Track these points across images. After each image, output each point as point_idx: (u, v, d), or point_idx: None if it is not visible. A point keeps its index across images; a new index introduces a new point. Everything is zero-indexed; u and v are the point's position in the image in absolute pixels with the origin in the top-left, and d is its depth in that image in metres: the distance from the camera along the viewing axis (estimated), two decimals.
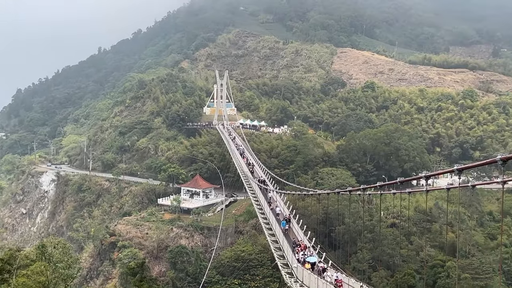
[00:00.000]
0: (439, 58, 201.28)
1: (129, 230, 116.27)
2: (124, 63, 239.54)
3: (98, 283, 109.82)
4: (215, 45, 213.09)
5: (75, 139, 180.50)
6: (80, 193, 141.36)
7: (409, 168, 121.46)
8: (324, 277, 40.98)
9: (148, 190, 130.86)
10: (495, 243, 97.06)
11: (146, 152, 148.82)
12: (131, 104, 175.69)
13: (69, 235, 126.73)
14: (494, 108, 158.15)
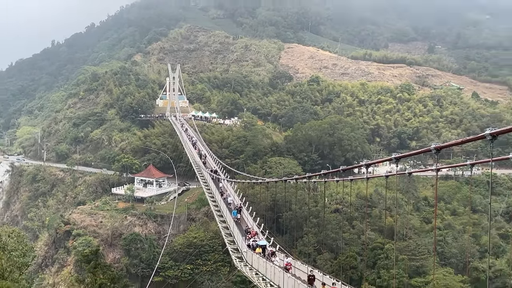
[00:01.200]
0: (379, 54, 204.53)
1: (83, 218, 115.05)
2: (78, 56, 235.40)
3: (53, 270, 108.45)
4: (167, 39, 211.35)
5: (29, 130, 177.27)
6: (35, 183, 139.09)
7: (351, 157, 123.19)
8: (272, 261, 41.42)
9: (102, 180, 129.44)
10: (430, 227, 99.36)
11: (100, 143, 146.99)
12: (85, 96, 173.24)
13: (24, 224, 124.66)
14: (429, 101, 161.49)
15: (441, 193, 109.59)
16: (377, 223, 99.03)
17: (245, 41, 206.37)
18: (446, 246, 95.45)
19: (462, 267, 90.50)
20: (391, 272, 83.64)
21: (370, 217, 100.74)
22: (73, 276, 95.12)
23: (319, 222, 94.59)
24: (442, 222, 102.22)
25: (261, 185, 79.90)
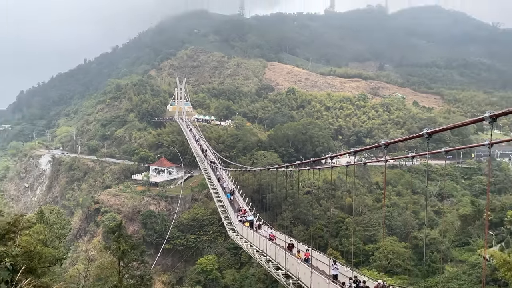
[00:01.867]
0: (341, 71, 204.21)
1: (109, 199, 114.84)
2: (105, 71, 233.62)
3: (86, 239, 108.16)
4: (176, 58, 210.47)
5: (67, 129, 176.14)
6: (71, 171, 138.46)
7: (320, 150, 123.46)
8: (258, 232, 41.68)
9: (124, 169, 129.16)
10: (379, 205, 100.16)
11: (122, 139, 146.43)
12: (110, 103, 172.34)
13: (62, 204, 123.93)
14: (379, 107, 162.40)
15: (388, 178, 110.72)
16: (339, 202, 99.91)
17: (237, 60, 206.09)
18: (392, 220, 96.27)
19: (404, 236, 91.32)
20: (350, 240, 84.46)
21: (334, 197, 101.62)
22: (101, 244, 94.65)
23: (294, 201, 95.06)
24: (389, 201, 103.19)
25: (249, 173, 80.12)
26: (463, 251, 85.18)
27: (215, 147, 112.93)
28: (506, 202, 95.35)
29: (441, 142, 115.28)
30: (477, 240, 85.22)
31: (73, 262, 70.22)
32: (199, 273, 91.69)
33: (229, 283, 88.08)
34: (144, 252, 53.53)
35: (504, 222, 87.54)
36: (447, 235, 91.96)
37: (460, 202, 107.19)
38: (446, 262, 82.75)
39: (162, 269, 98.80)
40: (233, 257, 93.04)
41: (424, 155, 23.76)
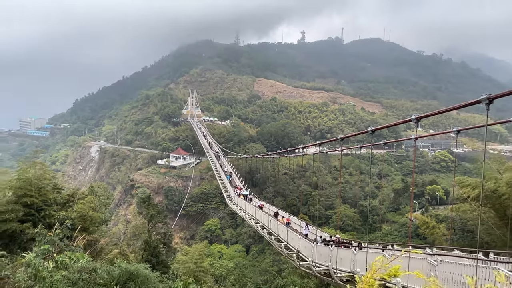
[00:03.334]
0: (310, 85, 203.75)
1: (141, 178, 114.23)
2: (137, 85, 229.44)
3: (124, 207, 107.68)
4: (189, 75, 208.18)
5: (110, 127, 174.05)
6: (113, 157, 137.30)
7: (294, 143, 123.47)
8: (250, 203, 41.81)
9: (152, 156, 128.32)
10: (336, 182, 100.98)
11: (150, 134, 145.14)
12: (141, 108, 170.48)
13: (107, 181, 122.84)
14: (337, 112, 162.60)
15: (343, 163, 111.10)
16: (308, 180, 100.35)
17: (233, 77, 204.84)
18: (345, 193, 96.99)
19: (354, 204, 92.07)
20: (315, 207, 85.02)
21: (304, 177, 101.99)
22: (135, 210, 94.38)
23: (275, 180, 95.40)
24: (344, 179, 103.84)
25: (243, 159, 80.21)
26: (395, 214, 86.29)
27: (217, 140, 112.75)
28: (425, 180, 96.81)
29: (381, 136, 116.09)
30: (405, 207, 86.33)
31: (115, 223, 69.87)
32: (206, 231, 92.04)
33: (228, 238, 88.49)
34: (166, 216, 53.57)
35: (424, 194, 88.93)
36: (384, 203, 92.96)
37: (394, 180, 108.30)
38: (383, 222, 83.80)
39: (180, 228, 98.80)
40: (231, 220, 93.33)
41: (368, 146, 24.05)
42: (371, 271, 3.35)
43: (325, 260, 20.75)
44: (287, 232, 27.72)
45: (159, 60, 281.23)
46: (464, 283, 11.13)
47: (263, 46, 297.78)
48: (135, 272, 9.87)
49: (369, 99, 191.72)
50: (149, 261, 24.44)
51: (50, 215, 18.73)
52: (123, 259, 14.98)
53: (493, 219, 25.61)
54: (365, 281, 3.28)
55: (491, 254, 16.20)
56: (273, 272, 64.07)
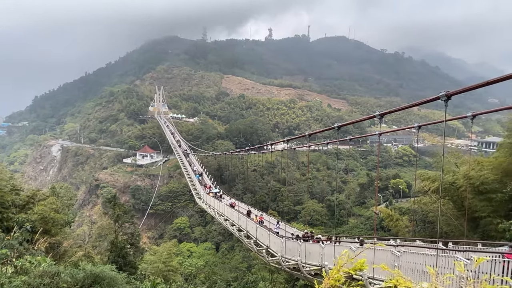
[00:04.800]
0: (278, 82, 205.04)
1: (106, 177, 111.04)
2: (101, 81, 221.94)
3: (89, 208, 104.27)
4: (155, 71, 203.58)
5: (72, 125, 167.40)
6: (76, 156, 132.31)
7: (263, 140, 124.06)
8: (221, 201, 41.47)
9: (117, 154, 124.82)
10: (304, 178, 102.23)
11: (115, 132, 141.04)
12: (106, 105, 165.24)
13: (70, 181, 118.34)
14: (304, 108, 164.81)
15: (311, 159, 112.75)
16: (277, 176, 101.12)
17: (201, 73, 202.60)
18: (313, 188, 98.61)
19: (321, 199, 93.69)
20: (284, 203, 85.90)
21: (273, 173, 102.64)
22: (101, 210, 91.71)
23: (244, 177, 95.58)
24: (312, 175, 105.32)
25: (211, 157, 79.66)
26: (361, 208, 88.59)
27: (185, 138, 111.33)
28: (389, 174, 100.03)
29: (347, 132, 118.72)
30: (370, 200, 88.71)
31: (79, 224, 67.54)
32: (175, 230, 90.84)
33: (197, 236, 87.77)
34: (133, 216, 52.42)
35: (388, 188, 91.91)
36: (350, 197, 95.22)
37: (359, 174, 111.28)
38: (349, 216, 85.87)
39: (148, 228, 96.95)
40: (200, 218, 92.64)
41: (335, 142, 24.56)
42: (338, 266, 3.42)
43: (294, 255, 21.04)
44: (256, 228, 27.85)
45: (124, 56, 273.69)
46: (426, 272, 11.61)
47: (231, 42, 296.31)
48: (101, 274, 9.58)
49: (335, 96, 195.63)
50: (116, 262, 23.80)
51: (8, 218, 17.85)
52: (88, 262, 14.51)
53: (452, 210, 26.92)
54: (331, 276, 3.34)
55: (450, 243, 17.03)
56: (243, 268, 64.34)
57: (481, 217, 23.84)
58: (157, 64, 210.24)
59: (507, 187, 22.74)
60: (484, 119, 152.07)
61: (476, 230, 24.65)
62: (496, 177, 24.20)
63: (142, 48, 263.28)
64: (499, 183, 23.66)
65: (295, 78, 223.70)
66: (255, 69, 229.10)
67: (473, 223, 24.84)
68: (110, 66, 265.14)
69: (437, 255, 11.55)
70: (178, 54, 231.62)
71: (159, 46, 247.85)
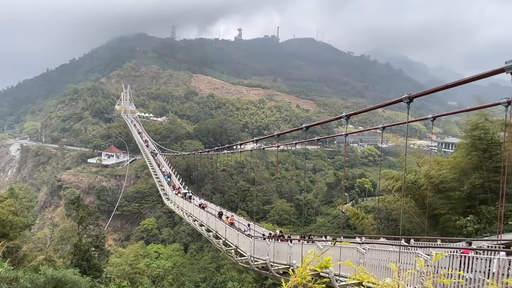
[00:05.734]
0: (247, 82, 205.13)
1: (70, 178, 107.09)
2: (64, 78, 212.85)
3: (51, 209, 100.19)
4: (122, 69, 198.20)
5: (33, 124, 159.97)
6: (37, 156, 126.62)
7: (232, 139, 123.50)
8: (191, 201, 40.93)
9: (81, 154, 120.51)
10: (273, 177, 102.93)
11: (79, 131, 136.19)
12: (69, 103, 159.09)
13: (30, 182, 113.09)
14: (274, 109, 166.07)
15: (280, 159, 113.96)
16: (246, 176, 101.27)
17: (170, 72, 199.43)
18: (282, 188, 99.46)
19: (290, 198, 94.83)
20: (253, 202, 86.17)
21: (242, 173, 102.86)
22: (63, 212, 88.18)
23: (214, 177, 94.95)
24: (280, 174, 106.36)
25: (180, 156, 78.70)
26: (328, 207, 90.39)
27: (153, 137, 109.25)
28: (355, 173, 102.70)
29: (315, 133, 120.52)
30: (337, 199, 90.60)
31: (40, 227, 64.70)
32: (143, 231, 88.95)
33: (165, 237, 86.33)
34: (98, 218, 50.79)
35: (354, 187, 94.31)
36: (318, 196, 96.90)
37: (327, 174, 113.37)
38: (317, 215, 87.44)
39: (113, 229, 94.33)
40: (168, 219, 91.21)
41: (303, 142, 24.89)
42: (304, 264, 3.49)
43: (263, 254, 21.15)
44: (225, 228, 27.77)
45: (89, 52, 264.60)
46: (389, 268, 12.01)
47: (200, 41, 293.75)
48: (63, 278, 9.22)
49: (303, 96, 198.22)
50: (79, 266, 23.02)
51: None
52: (49, 266, 13.93)
53: (414, 208, 28.01)
54: (298, 274, 3.41)
55: (412, 240, 17.70)
56: (212, 269, 63.97)
57: (441, 214, 24.95)
58: (124, 62, 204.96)
59: (464, 185, 23.92)
60: (443, 120, 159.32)
61: (436, 227, 25.77)
62: (454, 176, 25.42)
63: (108, 44, 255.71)
64: (457, 182, 24.87)
65: (264, 79, 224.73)
66: (224, 69, 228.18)
67: (433, 220, 25.95)
68: (74, 62, 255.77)
69: (399, 252, 11.97)
70: (146, 52, 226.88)
71: (126, 43, 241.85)
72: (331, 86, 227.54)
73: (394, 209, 31.28)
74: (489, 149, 23.68)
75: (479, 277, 9.82)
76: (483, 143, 24.01)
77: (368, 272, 3.64)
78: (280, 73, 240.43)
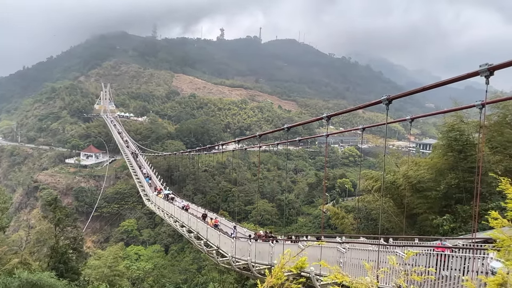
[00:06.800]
0: (229, 82, 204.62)
1: (46, 178, 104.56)
2: (41, 76, 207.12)
3: (26, 211, 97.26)
4: (101, 68, 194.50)
5: (8, 123, 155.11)
6: (12, 156, 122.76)
7: (214, 140, 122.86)
8: (173, 203, 40.13)
9: (59, 154, 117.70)
10: (255, 178, 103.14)
11: (57, 131, 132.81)
12: (46, 102, 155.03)
13: (5, 183, 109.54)
14: (256, 109, 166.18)
15: (262, 159, 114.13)
16: (228, 177, 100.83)
17: (151, 71, 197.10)
18: (264, 188, 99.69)
19: (272, 198, 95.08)
20: (235, 203, 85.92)
21: (224, 173, 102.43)
22: (40, 214, 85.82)
23: (195, 177, 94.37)
24: (262, 175, 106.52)
25: (161, 157, 77.82)
26: (310, 207, 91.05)
27: (133, 137, 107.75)
28: (336, 174, 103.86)
29: (296, 133, 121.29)
30: (318, 199, 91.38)
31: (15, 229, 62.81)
32: (122, 233, 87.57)
33: (146, 239, 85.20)
34: (76, 219, 49.73)
35: (335, 187, 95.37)
36: (299, 197, 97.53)
37: (308, 174, 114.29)
38: (299, 215, 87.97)
39: (92, 231, 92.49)
40: (149, 220, 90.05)
41: (285, 143, 24.97)
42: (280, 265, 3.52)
43: (244, 255, 21.13)
44: (206, 229, 27.61)
45: (68, 50, 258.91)
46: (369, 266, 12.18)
47: (182, 41, 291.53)
48: (39, 282, 8.98)
49: (285, 97, 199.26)
50: (56, 268, 22.46)
51: None
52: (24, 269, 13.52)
53: (392, 208, 28.54)
54: (274, 275, 3.44)
55: (390, 239, 18.04)
56: (193, 270, 63.49)
57: (418, 213, 25.52)
58: (103, 60, 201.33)
59: (441, 185, 24.52)
60: (421, 122, 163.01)
61: (414, 226, 26.34)
62: (431, 176, 26.03)
63: (87, 42, 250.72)
64: (434, 182, 25.47)
65: (247, 79, 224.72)
66: (206, 69, 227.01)
67: (411, 220, 26.52)
68: (51, 60, 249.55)
69: (378, 251, 12.18)
70: (126, 51, 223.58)
71: (106, 41, 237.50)
72: (312, 87, 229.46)
73: (373, 209, 31.80)
74: (465, 150, 24.35)
75: (454, 275, 10.10)
76: (458, 144, 24.67)
77: (343, 272, 3.70)
78: (262, 74, 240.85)
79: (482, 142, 19.92)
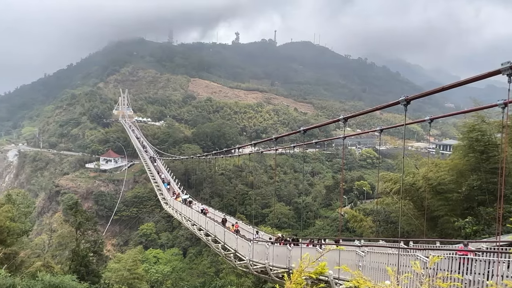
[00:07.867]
0: (245, 85, 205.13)
1: (67, 183, 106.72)
2: (62, 83, 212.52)
3: (49, 215, 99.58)
4: (119, 74, 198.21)
5: (30, 129, 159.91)
6: (35, 162, 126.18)
7: (230, 143, 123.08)
8: (191, 207, 40.12)
9: (79, 159, 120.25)
10: (272, 181, 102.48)
11: (77, 136, 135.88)
12: (67, 108, 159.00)
13: (28, 188, 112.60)
14: (271, 112, 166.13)
15: (278, 162, 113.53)
16: (244, 180, 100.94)
17: (167, 76, 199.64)
18: (280, 191, 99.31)
19: (289, 202, 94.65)
20: (252, 206, 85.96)
21: (240, 176, 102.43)
22: (61, 218, 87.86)
23: (212, 180, 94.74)
24: (279, 178, 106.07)
25: (178, 161, 78.57)
26: (327, 210, 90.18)
27: (151, 142, 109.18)
28: (353, 176, 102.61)
29: (313, 136, 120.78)
30: (336, 202, 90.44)
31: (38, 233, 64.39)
32: (141, 236, 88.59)
33: (164, 242, 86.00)
34: (96, 223, 50.58)
35: (352, 189, 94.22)
36: (317, 199, 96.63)
37: (325, 177, 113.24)
38: (316, 218, 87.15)
39: (112, 235, 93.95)
40: (167, 223, 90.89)
41: (301, 145, 24.90)
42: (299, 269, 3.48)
43: (262, 258, 21.07)
44: (224, 232, 27.66)
45: (86, 57, 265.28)
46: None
47: (198, 46, 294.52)
48: (61, 285, 9.16)
49: (301, 100, 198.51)
50: (78, 271, 22.87)
51: None
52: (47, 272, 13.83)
53: (412, 211, 27.99)
54: (293, 280, 3.40)
55: (411, 242, 17.68)
56: (211, 273, 63.74)
57: (439, 216, 24.94)
58: (121, 66, 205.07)
59: (462, 187, 23.94)
60: (441, 122, 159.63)
61: (435, 228, 25.75)
62: (452, 178, 25.43)
63: (105, 49, 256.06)
64: (455, 184, 24.88)
65: (262, 82, 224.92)
66: (222, 73, 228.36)
67: (432, 222, 25.94)
68: (71, 67, 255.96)
69: (398, 254, 11.94)
70: (143, 57, 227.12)
71: (124, 48, 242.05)
72: (328, 89, 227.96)
73: (392, 212, 31.26)
74: (487, 150, 23.72)
75: (478, 279, 9.81)
76: (480, 145, 24.05)
77: (365, 277, 3.62)
78: (278, 77, 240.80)
79: (505, 143, 19.32)
